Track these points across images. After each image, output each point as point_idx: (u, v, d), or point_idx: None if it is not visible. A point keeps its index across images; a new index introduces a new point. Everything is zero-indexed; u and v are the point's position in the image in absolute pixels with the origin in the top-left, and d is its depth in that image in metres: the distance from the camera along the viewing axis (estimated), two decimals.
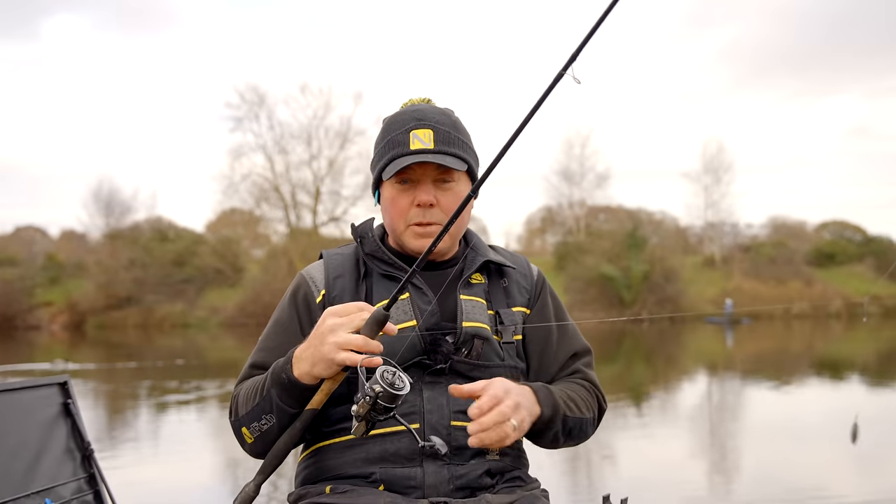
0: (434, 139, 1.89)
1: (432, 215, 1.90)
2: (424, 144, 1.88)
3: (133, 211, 51.70)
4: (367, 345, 1.65)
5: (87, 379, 16.77)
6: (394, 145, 1.91)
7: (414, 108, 1.95)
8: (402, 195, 1.92)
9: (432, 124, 1.91)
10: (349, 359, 1.64)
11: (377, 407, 1.59)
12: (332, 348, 1.66)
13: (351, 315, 1.69)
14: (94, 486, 2.94)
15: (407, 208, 1.91)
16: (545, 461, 7.38)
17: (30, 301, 46.42)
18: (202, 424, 11.19)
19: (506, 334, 1.94)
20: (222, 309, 45.95)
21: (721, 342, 29.16)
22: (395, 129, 1.92)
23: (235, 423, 1.87)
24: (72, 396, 2.98)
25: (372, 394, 1.58)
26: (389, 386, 1.58)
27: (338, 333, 1.66)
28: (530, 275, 2.06)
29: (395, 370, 1.62)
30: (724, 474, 7.53)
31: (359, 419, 1.61)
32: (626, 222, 50.07)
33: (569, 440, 1.91)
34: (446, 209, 1.91)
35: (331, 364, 1.67)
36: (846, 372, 17.60)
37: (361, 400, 1.59)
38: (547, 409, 1.80)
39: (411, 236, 1.93)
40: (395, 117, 1.96)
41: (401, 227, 1.93)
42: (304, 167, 48.98)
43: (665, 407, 12.21)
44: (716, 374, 17.79)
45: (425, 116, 1.92)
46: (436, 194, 1.90)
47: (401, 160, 1.87)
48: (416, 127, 1.90)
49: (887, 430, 9.53)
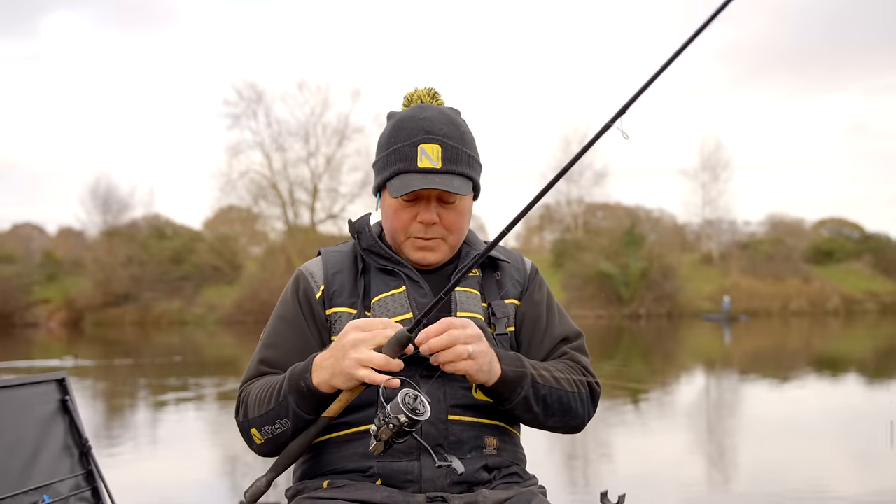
0: (442, 157, 1.87)
1: (434, 231, 1.91)
2: (432, 163, 1.86)
3: (131, 208, 51.66)
4: (388, 364, 1.66)
5: (85, 376, 16.76)
6: (400, 158, 1.88)
7: (422, 116, 1.91)
8: (404, 210, 1.91)
9: (440, 138, 1.88)
10: (369, 377, 1.65)
11: (399, 433, 1.61)
12: (352, 364, 1.67)
13: (375, 331, 1.69)
14: (92, 483, 2.94)
15: (409, 223, 1.91)
16: (543, 459, 7.40)
17: (27, 298, 46.34)
18: (200, 422, 11.18)
19: (499, 326, 1.94)
20: (220, 306, 45.92)
21: (719, 339, 29.19)
22: (402, 138, 1.89)
23: (244, 423, 1.87)
24: (69, 393, 2.99)
25: (396, 423, 1.60)
26: (412, 412, 1.60)
27: (360, 349, 1.67)
28: (523, 269, 2.07)
29: (417, 394, 1.63)
30: (722, 471, 7.54)
31: (378, 440, 1.63)
32: (624, 220, 50.05)
33: (550, 415, 1.88)
34: (448, 226, 1.92)
35: (350, 379, 1.68)
36: (844, 369, 17.62)
37: (384, 426, 1.61)
38: (509, 368, 1.80)
39: (411, 248, 1.94)
40: (403, 123, 1.92)
41: (401, 238, 1.94)
42: (301, 164, 48.96)
43: (663, 404, 12.22)
44: (713, 371, 17.81)
45: (433, 129, 1.89)
46: (438, 211, 1.91)
47: (408, 178, 1.86)
48: (423, 141, 1.87)
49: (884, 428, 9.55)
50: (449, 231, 1.92)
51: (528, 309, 2.01)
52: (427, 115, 1.92)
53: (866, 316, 44.35)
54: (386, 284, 1.93)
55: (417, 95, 2.01)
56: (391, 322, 1.72)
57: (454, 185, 1.86)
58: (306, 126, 49.01)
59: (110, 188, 51.10)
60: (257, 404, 1.83)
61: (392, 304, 1.89)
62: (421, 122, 1.90)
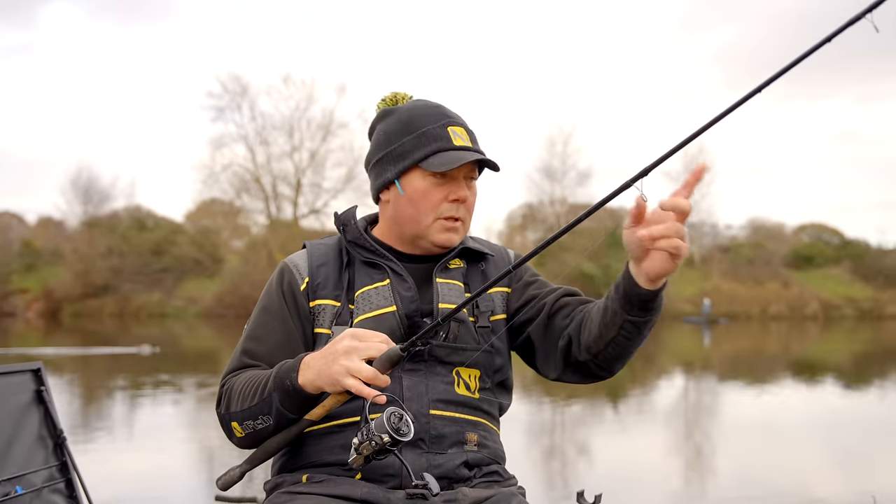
0: (469, 139, 1.93)
1: (461, 211, 1.94)
2: (465, 142, 1.91)
3: (112, 199, 51.35)
4: (376, 378, 1.64)
5: (61, 367, 16.63)
6: (434, 138, 1.90)
7: (433, 105, 1.97)
8: (436, 189, 1.91)
9: (463, 123, 1.96)
10: (356, 387, 1.64)
11: (381, 451, 1.61)
12: (341, 370, 1.65)
13: (369, 343, 1.67)
14: (66, 475, 2.91)
15: (440, 202, 1.92)
16: (522, 459, 7.41)
17: (5, 288, 46.02)
18: (177, 414, 11.12)
19: (481, 319, 1.94)
20: (200, 299, 45.76)
21: (699, 341, 29.35)
22: (427, 122, 1.92)
23: (225, 415, 1.85)
24: (45, 383, 2.95)
25: (379, 441, 1.60)
26: (395, 432, 1.60)
27: (351, 358, 1.65)
28: (508, 259, 2.07)
29: (403, 414, 1.63)
30: (699, 472, 7.58)
31: (358, 453, 1.63)
32: (607, 220, 50.25)
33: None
34: (470, 207, 1.96)
35: (336, 384, 1.67)
36: (822, 373, 17.77)
37: (367, 442, 1.61)
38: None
39: (439, 229, 1.93)
40: (416, 112, 1.95)
41: (428, 220, 1.93)
42: (285, 159, 48.85)
43: (641, 405, 12.28)
44: (692, 374, 17.90)
45: (452, 115, 1.96)
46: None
47: (450, 154, 1.88)
48: (451, 124, 1.93)
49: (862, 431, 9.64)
50: (469, 213, 1.97)
51: (529, 285, 2.02)
52: (436, 104, 1.99)
53: (844, 321, 44.76)
54: (370, 277, 1.92)
55: (401, 96, 2.04)
56: (387, 338, 1.70)
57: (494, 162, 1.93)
58: (291, 120, 48.95)
59: (91, 178, 50.82)
60: (241, 398, 1.81)
61: (376, 297, 1.89)
62: (437, 108, 1.96)
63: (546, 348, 1.93)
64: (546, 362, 1.94)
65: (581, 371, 1.89)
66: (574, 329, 1.86)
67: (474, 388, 1.92)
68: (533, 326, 1.95)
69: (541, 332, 1.94)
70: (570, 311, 1.91)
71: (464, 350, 1.89)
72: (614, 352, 1.78)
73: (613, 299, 1.71)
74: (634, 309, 1.68)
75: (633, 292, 1.65)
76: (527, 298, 1.99)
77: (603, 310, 1.76)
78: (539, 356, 1.96)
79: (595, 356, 1.81)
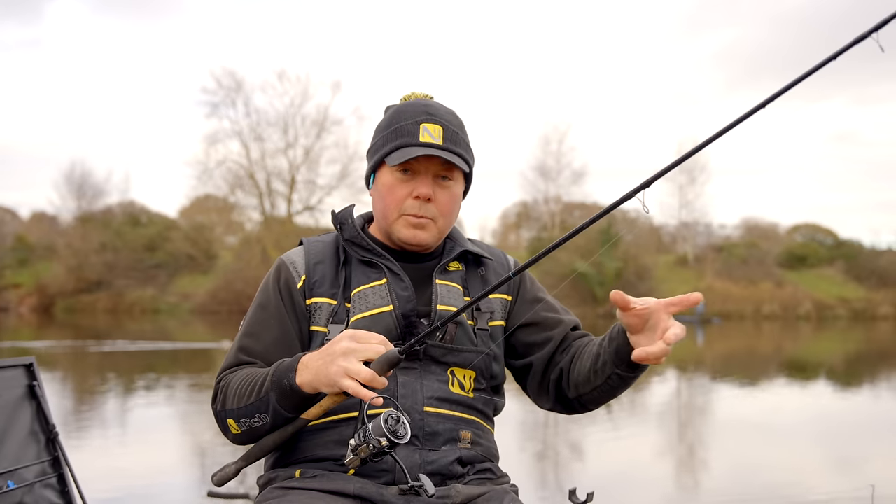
0: (443, 136, 1.90)
1: (427, 210, 1.91)
2: (434, 139, 1.89)
3: (105, 194, 51.28)
4: (374, 380, 1.63)
5: (54, 362, 16.59)
6: (402, 134, 1.90)
7: (425, 103, 1.96)
8: (401, 185, 1.91)
9: (442, 121, 1.92)
10: (353, 389, 1.63)
11: (378, 453, 1.62)
12: (339, 371, 1.65)
13: (368, 345, 1.67)
14: (58, 470, 2.91)
15: (403, 198, 1.91)
16: (515, 457, 7.41)
17: None
18: (170, 410, 11.10)
19: (480, 321, 1.94)
20: (194, 295, 45.67)
21: (692, 340, 29.39)
22: (404, 118, 1.92)
23: (221, 412, 1.85)
24: (37, 378, 2.95)
25: (377, 444, 1.60)
26: (392, 434, 1.60)
27: (349, 359, 1.65)
28: (508, 265, 2.08)
29: (400, 416, 1.63)
30: (691, 471, 7.59)
31: (355, 455, 1.63)
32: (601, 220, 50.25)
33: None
34: (441, 206, 1.93)
35: (333, 385, 1.66)
36: (814, 373, 17.81)
37: (363, 445, 1.61)
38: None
39: (403, 225, 1.93)
40: (404, 107, 1.95)
41: (393, 216, 1.93)
42: (279, 155, 48.77)
43: (634, 404, 12.28)
44: (685, 373, 17.93)
45: (437, 113, 1.93)
46: (434, 190, 1.91)
47: (409, 150, 1.87)
48: (426, 121, 1.91)
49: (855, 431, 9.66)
50: (441, 213, 1.93)
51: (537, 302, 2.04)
52: (430, 102, 1.97)
53: (837, 321, 44.86)
54: (367, 276, 1.92)
55: (415, 96, 2.03)
56: (385, 340, 1.70)
57: (455, 158, 1.89)
58: (285, 117, 48.90)
59: (85, 173, 50.76)
60: (237, 395, 1.81)
61: (372, 297, 1.89)
62: (424, 106, 1.94)
63: (543, 381, 2.01)
64: (539, 393, 2.04)
65: (566, 406, 2.00)
66: (566, 363, 1.95)
67: (469, 387, 1.92)
68: (536, 358, 2.00)
69: (542, 367, 2.00)
70: (568, 345, 1.99)
71: (459, 351, 1.89)
72: (598, 396, 1.90)
73: (606, 350, 1.82)
74: (623, 365, 1.80)
75: (624, 351, 1.78)
76: (536, 320, 2.01)
77: (594, 356, 1.86)
78: (532, 385, 2.04)
79: (580, 396, 1.93)
